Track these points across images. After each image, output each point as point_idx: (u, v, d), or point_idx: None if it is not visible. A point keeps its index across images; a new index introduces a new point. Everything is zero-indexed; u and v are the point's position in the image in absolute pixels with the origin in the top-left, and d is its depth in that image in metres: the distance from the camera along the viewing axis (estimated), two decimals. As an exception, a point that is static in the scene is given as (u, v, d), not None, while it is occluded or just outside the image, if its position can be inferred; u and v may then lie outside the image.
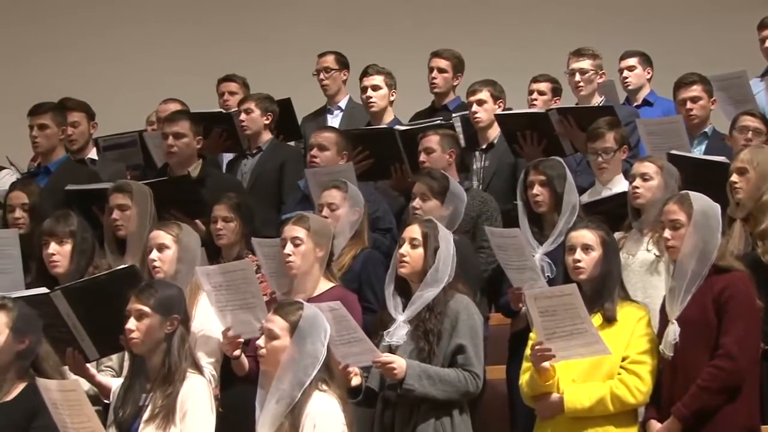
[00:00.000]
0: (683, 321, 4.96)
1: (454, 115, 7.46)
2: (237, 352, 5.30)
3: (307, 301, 4.77)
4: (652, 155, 6.22)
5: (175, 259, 5.46)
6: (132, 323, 4.65)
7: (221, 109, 7.98)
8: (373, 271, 5.78)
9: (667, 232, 5.06)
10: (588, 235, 5.13)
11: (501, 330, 6.08)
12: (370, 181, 7.00)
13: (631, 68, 8.10)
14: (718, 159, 6.17)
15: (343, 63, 8.16)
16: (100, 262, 5.78)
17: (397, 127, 7.18)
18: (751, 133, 6.45)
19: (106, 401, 5.04)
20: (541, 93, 7.85)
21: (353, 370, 5.00)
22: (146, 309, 4.64)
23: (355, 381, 5.02)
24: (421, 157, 6.60)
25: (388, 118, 7.69)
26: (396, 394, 5.07)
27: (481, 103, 7.22)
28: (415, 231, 5.24)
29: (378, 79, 7.68)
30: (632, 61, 8.11)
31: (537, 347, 4.96)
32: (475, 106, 7.22)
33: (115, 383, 4.98)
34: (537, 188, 5.88)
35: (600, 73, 7.46)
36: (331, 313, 4.69)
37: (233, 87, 8.32)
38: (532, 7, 10.50)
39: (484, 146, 7.21)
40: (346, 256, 5.82)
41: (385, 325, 5.17)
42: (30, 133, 7.17)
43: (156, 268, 5.43)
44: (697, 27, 10.14)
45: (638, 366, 4.99)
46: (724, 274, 4.98)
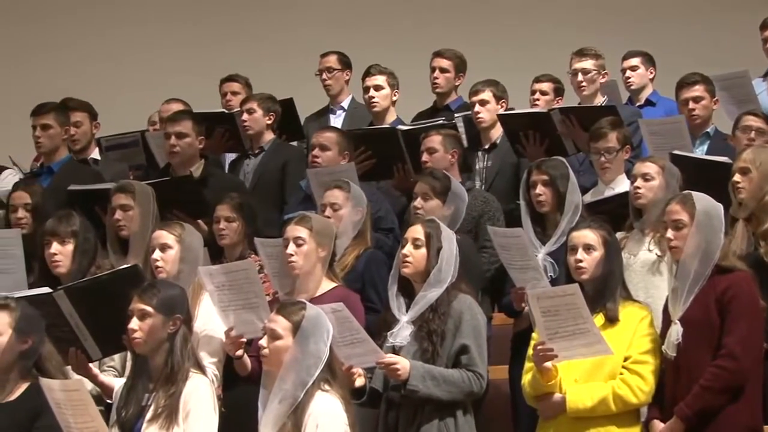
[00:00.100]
0: (686, 321, 4.96)
1: (456, 115, 7.45)
2: (239, 352, 5.29)
3: (310, 301, 4.76)
4: (654, 155, 6.22)
5: (178, 259, 5.45)
6: (135, 323, 4.65)
7: (224, 109, 7.97)
8: (376, 271, 5.77)
9: (670, 233, 5.05)
10: (590, 235, 5.12)
11: (503, 330, 6.07)
12: (372, 181, 6.99)
13: (633, 68, 8.11)
14: (721, 159, 6.16)
15: (346, 63, 8.16)
16: (103, 262, 5.78)
17: (400, 127, 7.17)
18: (753, 132, 6.44)
19: (108, 401, 5.04)
20: (544, 93, 7.84)
21: (357, 371, 4.99)
22: (149, 309, 4.65)
23: (359, 382, 5.01)
24: (424, 157, 6.60)
25: (391, 118, 7.69)
26: (400, 394, 5.06)
27: (483, 103, 7.21)
28: (417, 231, 5.23)
29: (380, 79, 7.68)
30: (635, 61, 8.12)
31: (539, 347, 4.95)
32: (477, 107, 7.21)
33: (117, 383, 4.97)
34: (540, 188, 5.88)
35: (603, 73, 7.46)
36: (333, 315, 4.68)
37: (236, 87, 8.32)
38: (532, 7, 10.51)
39: (487, 146, 7.21)
40: (349, 256, 5.82)
41: (389, 326, 5.16)
42: (33, 134, 7.17)
43: (159, 268, 5.43)
44: (698, 27, 10.14)
45: (640, 366, 4.99)
46: (727, 274, 4.98)
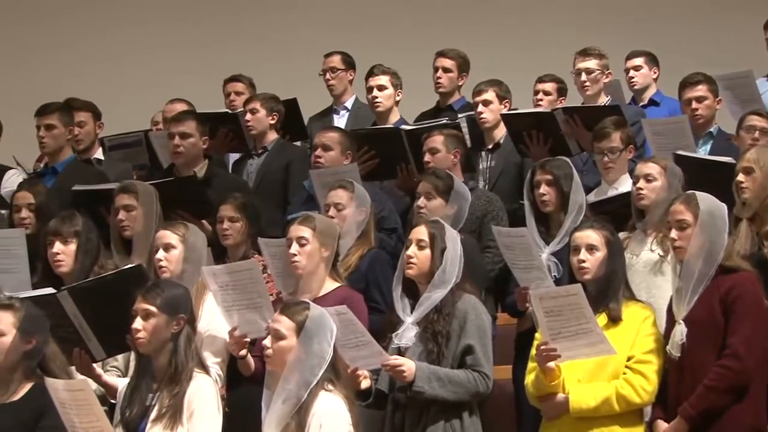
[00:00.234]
0: (690, 321, 4.95)
1: (460, 115, 7.44)
2: (243, 352, 5.30)
3: (313, 301, 4.77)
4: (656, 155, 6.21)
5: (182, 259, 5.45)
6: (138, 323, 4.66)
7: (227, 110, 7.98)
8: (380, 271, 5.77)
9: (674, 233, 5.05)
10: (592, 236, 5.12)
11: (507, 330, 6.07)
12: (376, 181, 6.99)
13: (637, 68, 8.10)
14: (725, 159, 6.16)
15: (350, 63, 8.15)
16: (106, 263, 5.78)
17: (403, 127, 7.17)
18: (757, 132, 6.43)
19: (112, 401, 5.05)
20: (547, 93, 7.82)
21: (362, 373, 4.99)
22: (153, 309, 4.65)
23: (365, 384, 5.01)
24: (426, 157, 6.59)
25: (394, 118, 7.68)
26: (406, 396, 5.05)
27: (486, 103, 7.20)
28: (421, 232, 5.22)
29: (384, 79, 7.67)
30: (638, 61, 8.10)
31: (542, 347, 4.95)
32: (480, 107, 7.20)
33: (121, 383, 4.97)
34: (544, 188, 5.87)
35: (606, 72, 7.45)
36: (338, 318, 4.67)
37: (239, 87, 8.31)
38: (532, 7, 10.51)
39: (491, 146, 7.20)
40: (353, 256, 5.82)
41: (394, 327, 5.15)
42: (37, 134, 7.16)
43: (162, 267, 5.43)
44: (699, 27, 10.14)
45: (644, 365, 4.98)
46: (731, 274, 4.97)
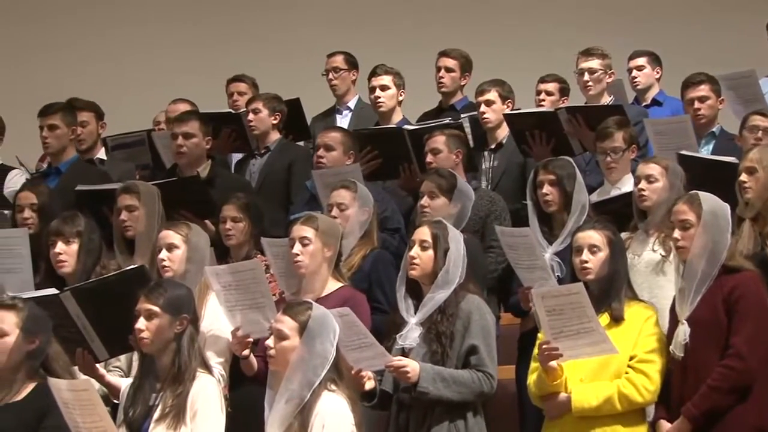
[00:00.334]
0: (693, 321, 4.95)
1: (462, 115, 7.43)
2: (246, 352, 5.30)
3: (316, 301, 4.76)
4: (657, 156, 6.21)
5: (185, 259, 5.46)
6: (142, 323, 4.65)
7: (230, 110, 7.98)
8: (383, 271, 5.77)
9: (677, 233, 5.05)
10: (595, 236, 5.12)
11: (511, 330, 6.07)
12: (378, 181, 6.99)
13: (640, 68, 8.10)
14: (728, 159, 6.15)
15: (353, 63, 8.14)
16: (109, 263, 5.78)
17: (406, 127, 7.16)
18: (760, 132, 6.43)
19: (115, 401, 5.05)
20: (549, 93, 7.81)
21: (366, 374, 4.98)
22: (156, 309, 4.65)
23: (369, 385, 5.00)
24: (428, 157, 6.58)
25: (397, 117, 7.67)
26: (410, 396, 5.05)
27: (489, 103, 7.19)
28: (424, 233, 5.22)
29: (386, 79, 7.66)
30: (641, 61, 8.11)
31: (544, 346, 4.96)
32: (483, 107, 7.20)
33: (124, 383, 4.98)
34: (547, 188, 5.87)
35: (609, 72, 7.45)
36: (341, 320, 4.65)
37: (242, 87, 8.30)
38: (533, 7, 10.52)
39: (493, 146, 7.19)
40: (356, 256, 5.81)
41: (398, 328, 5.15)
42: (40, 134, 7.15)
43: (165, 267, 5.43)
44: (699, 27, 10.14)
45: (646, 365, 4.99)
46: (734, 274, 4.97)
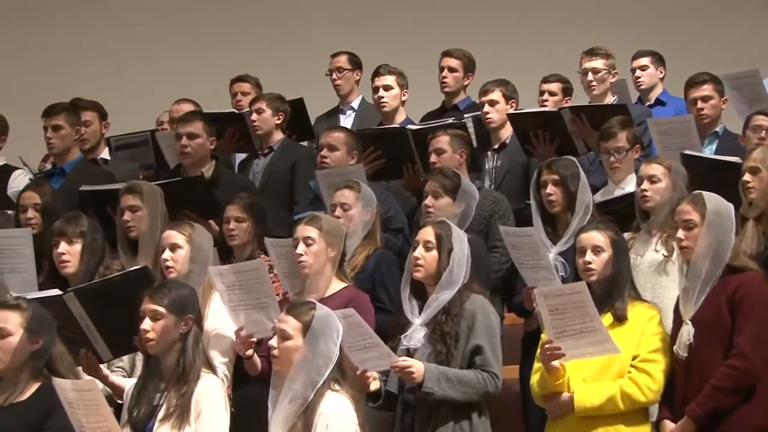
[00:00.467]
0: (697, 321, 4.95)
1: (466, 115, 7.43)
2: (250, 352, 5.29)
3: (320, 301, 4.77)
4: (660, 156, 6.21)
5: (188, 259, 5.46)
6: (147, 324, 4.65)
7: (234, 110, 7.98)
8: (387, 271, 5.77)
9: (681, 233, 5.05)
10: (598, 237, 5.11)
11: (514, 330, 6.07)
12: (382, 181, 6.99)
13: (643, 68, 8.10)
14: (731, 159, 6.15)
15: (356, 63, 8.14)
16: (112, 263, 5.78)
17: (410, 127, 7.16)
18: (764, 132, 6.43)
19: (119, 401, 5.05)
20: (552, 93, 7.80)
21: (371, 374, 4.97)
22: (161, 309, 4.65)
23: (374, 385, 4.99)
24: (432, 158, 6.57)
25: (400, 117, 7.67)
26: (415, 397, 5.04)
27: (493, 103, 7.19)
28: (428, 233, 5.20)
29: (390, 79, 7.66)
30: (645, 61, 8.11)
31: (547, 346, 4.95)
32: (486, 107, 7.19)
33: (128, 383, 4.98)
34: (550, 188, 5.87)
35: (613, 72, 7.45)
36: (345, 321, 4.65)
37: (246, 87, 8.31)
38: (533, 7, 10.52)
39: (497, 146, 7.19)
40: (359, 256, 5.81)
41: (402, 329, 5.13)
42: (45, 135, 7.16)
43: (169, 267, 5.43)
44: (703, 27, 10.15)
45: (649, 364, 4.98)
46: (738, 274, 4.97)
